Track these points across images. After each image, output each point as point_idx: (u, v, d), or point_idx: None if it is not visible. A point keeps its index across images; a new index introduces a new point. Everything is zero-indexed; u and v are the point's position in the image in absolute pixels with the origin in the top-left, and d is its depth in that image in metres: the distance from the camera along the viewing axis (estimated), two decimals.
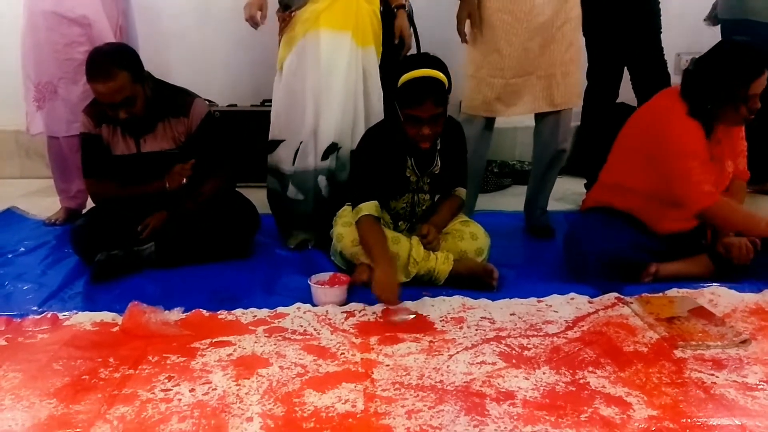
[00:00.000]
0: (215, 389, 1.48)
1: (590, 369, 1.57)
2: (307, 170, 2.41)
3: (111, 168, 2.26)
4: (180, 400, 1.44)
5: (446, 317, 1.84)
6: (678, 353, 1.64)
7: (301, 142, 2.39)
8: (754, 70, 1.93)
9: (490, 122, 2.60)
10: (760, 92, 1.95)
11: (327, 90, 2.36)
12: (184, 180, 2.25)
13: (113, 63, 2.10)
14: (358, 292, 2.00)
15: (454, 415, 1.38)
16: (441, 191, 2.21)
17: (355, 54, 2.39)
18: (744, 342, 1.69)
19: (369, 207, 2.02)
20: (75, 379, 1.52)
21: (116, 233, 2.20)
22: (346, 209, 2.19)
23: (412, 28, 2.83)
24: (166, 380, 1.52)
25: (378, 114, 2.49)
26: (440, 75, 1.96)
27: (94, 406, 1.41)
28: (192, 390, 1.48)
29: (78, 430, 1.33)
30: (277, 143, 2.46)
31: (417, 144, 2.01)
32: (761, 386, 1.49)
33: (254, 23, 2.34)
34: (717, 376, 1.53)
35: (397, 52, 2.52)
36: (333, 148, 2.40)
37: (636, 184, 2.11)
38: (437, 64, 1.99)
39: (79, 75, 2.62)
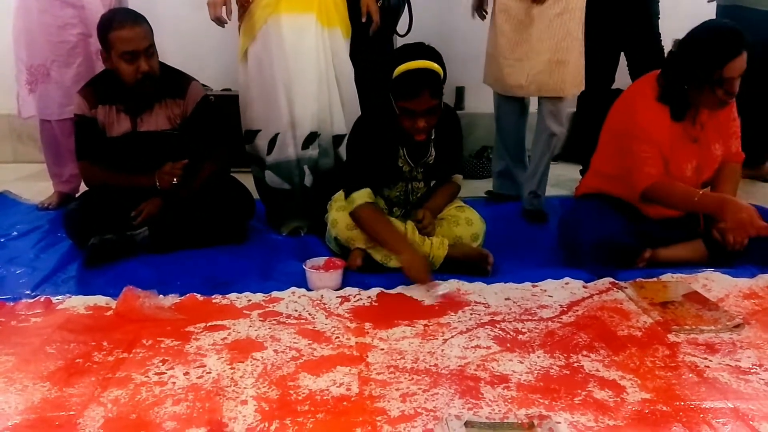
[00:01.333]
0: (209, 372, 1.48)
1: (584, 353, 1.57)
2: (288, 160, 2.38)
3: (105, 151, 2.24)
4: (174, 383, 1.44)
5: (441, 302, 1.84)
6: (672, 337, 1.65)
7: (278, 133, 2.36)
8: (729, 52, 1.90)
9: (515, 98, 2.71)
10: (737, 75, 1.92)
11: (297, 75, 2.33)
12: (175, 180, 2.23)
13: (136, 13, 2.21)
14: (354, 276, 2.00)
15: (448, 398, 1.38)
16: (436, 178, 2.20)
17: (321, 36, 2.35)
18: (737, 326, 1.69)
19: (362, 195, 2.01)
20: (68, 363, 1.52)
21: (110, 217, 2.19)
22: (341, 194, 2.18)
23: (406, 7, 2.80)
24: (160, 363, 1.52)
25: (353, 96, 2.47)
26: (435, 66, 1.93)
27: (87, 389, 1.41)
28: (186, 373, 1.47)
29: (71, 412, 1.33)
30: (254, 133, 2.43)
31: (412, 136, 1.99)
32: (754, 370, 1.50)
33: (221, 23, 2.31)
34: (710, 360, 1.54)
35: (364, 30, 2.48)
36: (313, 137, 2.38)
37: (618, 169, 2.11)
38: (432, 54, 1.96)
39: (72, 57, 2.61)
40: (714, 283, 1.95)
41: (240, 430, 1.27)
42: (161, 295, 1.85)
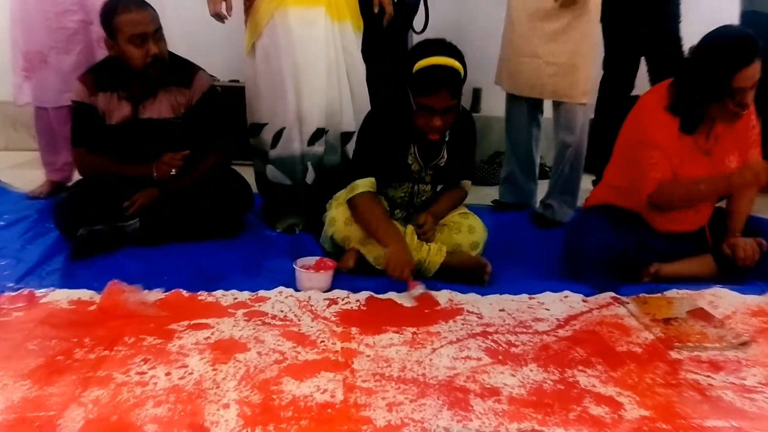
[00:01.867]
0: (191, 373, 1.43)
1: (580, 368, 1.51)
2: (293, 156, 2.33)
3: (102, 139, 2.18)
4: (156, 384, 1.39)
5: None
6: (674, 354, 1.58)
7: (284, 128, 2.31)
8: (739, 61, 1.77)
9: (525, 99, 2.61)
10: (749, 86, 1.80)
11: (306, 69, 2.27)
12: (173, 171, 2.18)
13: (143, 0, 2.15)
14: (344, 278, 1.94)
15: (436, 409, 1.32)
16: (444, 183, 2.14)
17: (331, 29, 2.30)
18: (744, 344, 1.62)
19: (365, 183, 1.95)
20: (49, 360, 1.47)
21: (101, 208, 2.13)
22: (342, 193, 2.12)
23: (423, 3, 2.73)
24: (142, 363, 1.47)
25: (363, 92, 2.41)
26: (457, 64, 1.87)
27: (68, 388, 1.36)
28: (168, 374, 1.43)
29: (52, 413, 1.28)
30: (259, 127, 2.38)
31: (426, 134, 1.93)
32: (760, 389, 1.43)
33: (220, 19, 2.26)
34: (714, 378, 1.47)
35: (378, 21, 2.42)
36: (320, 134, 2.33)
37: (628, 181, 2.03)
38: (454, 52, 1.90)
39: (72, 44, 2.57)
40: (721, 300, 1.88)
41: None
42: (146, 291, 1.80)
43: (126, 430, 1.24)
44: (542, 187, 2.77)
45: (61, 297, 1.78)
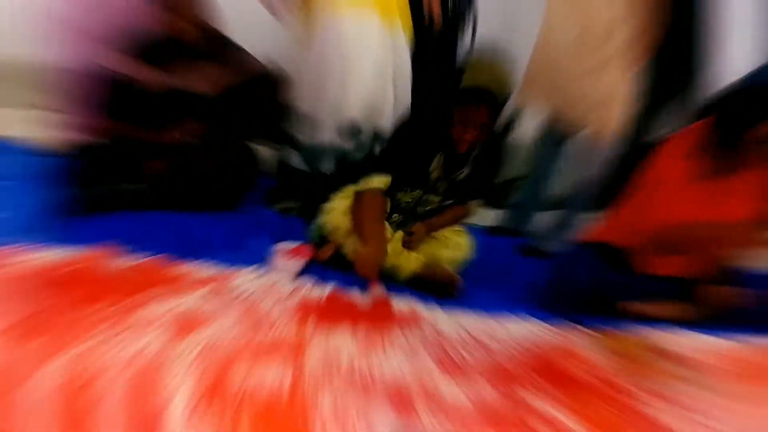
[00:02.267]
0: (151, 345, 1.44)
1: (531, 390, 1.49)
2: (321, 146, 2.36)
3: (132, 107, 2.22)
4: (117, 353, 1.40)
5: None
6: (628, 386, 1.55)
7: (321, 119, 2.33)
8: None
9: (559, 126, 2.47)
10: None
11: (354, 68, 2.28)
12: (196, 135, 2.20)
13: None
14: (316, 268, 1.95)
15: (382, 411, 1.33)
16: (455, 198, 2.12)
17: (382, 33, 2.31)
18: (701, 382, 1.60)
19: (381, 180, 1.97)
20: (22, 320, 1.47)
21: (108, 169, 2.16)
22: (351, 188, 2.12)
23: (471, 11, 2.72)
24: (108, 329, 1.48)
25: (406, 99, 2.42)
26: (503, 85, 1.88)
27: (37, 354, 1.37)
28: (130, 344, 1.44)
29: (20, 377, 1.29)
30: (297, 114, 2.40)
31: (455, 143, 1.95)
32: (713, 424, 1.42)
33: (272, 10, 2.28)
34: (668, 413, 1.46)
35: (428, 31, 2.44)
36: (355, 131, 2.35)
37: (635, 221, 1.97)
38: (503, 69, 1.91)
39: (111, 10, 2.56)
40: (685, 340, 1.84)
41: (176, 412, 1.26)
42: (125, 255, 1.82)
43: (87, 399, 1.26)
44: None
45: (44, 255, 1.79)
